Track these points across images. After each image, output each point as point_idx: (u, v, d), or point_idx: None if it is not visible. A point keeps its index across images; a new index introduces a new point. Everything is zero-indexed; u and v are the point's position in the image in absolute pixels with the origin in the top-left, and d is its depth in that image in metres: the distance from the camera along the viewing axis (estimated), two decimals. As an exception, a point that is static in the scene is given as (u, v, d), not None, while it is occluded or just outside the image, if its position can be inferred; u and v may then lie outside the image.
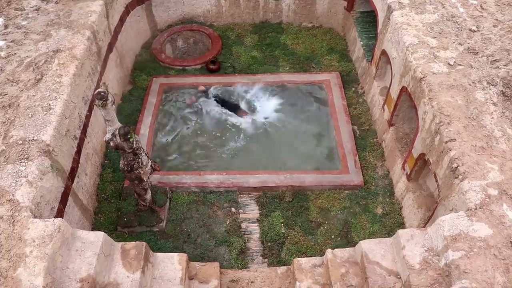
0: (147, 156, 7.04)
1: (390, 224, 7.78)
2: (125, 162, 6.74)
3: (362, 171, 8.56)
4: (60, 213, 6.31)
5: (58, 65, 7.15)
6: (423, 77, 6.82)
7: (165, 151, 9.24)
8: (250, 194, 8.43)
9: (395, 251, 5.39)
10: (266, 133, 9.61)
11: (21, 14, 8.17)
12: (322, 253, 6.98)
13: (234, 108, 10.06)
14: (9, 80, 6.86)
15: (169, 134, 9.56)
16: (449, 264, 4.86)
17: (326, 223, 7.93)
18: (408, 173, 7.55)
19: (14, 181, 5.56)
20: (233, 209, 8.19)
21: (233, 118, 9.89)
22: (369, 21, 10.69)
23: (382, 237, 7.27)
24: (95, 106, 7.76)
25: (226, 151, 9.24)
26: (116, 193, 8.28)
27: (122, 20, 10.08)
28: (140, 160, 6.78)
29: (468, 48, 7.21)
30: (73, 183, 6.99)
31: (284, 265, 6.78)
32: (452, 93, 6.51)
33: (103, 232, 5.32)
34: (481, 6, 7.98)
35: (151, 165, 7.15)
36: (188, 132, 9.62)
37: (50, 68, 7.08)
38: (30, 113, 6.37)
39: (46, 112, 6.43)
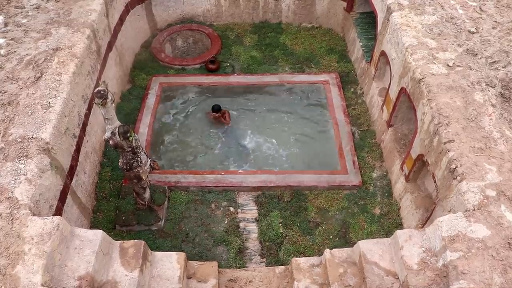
0: (146, 155, 7.04)
1: (388, 224, 7.80)
2: (124, 161, 6.75)
3: (360, 172, 8.57)
4: (58, 211, 6.30)
5: (57, 63, 7.14)
6: (422, 78, 6.83)
7: (164, 150, 9.23)
8: (248, 193, 8.43)
9: (393, 251, 5.40)
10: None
11: (21, 12, 8.16)
12: (320, 253, 7.00)
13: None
14: (8, 78, 6.85)
15: (168, 133, 9.55)
16: (447, 265, 4.87)
17: (325, 223, 7.94)
18: (407, 173, 7.56)
19: (13, 179, 5.56)
20: (231, 208, 8.20)
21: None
22: (369, 22, 10.71)
23: (380, 237, 7.30)
24: (94, 104, 7.78)
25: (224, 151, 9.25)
26: (115, 192, 8.28)
27: (122, 19, 10.08)
28: (139, 159, 6.78)
29: (467, 49, 7.22)
30: (72, 181, 6.98)
31: (282, 265, 6.77)
32: (451, 95, 6.53)
33: (101, 231, 5.31)
34: (480, 8, 8.00)
35: (150, 164, 7.14)
36: (187, 131, 9.62)
37: (49, 66, 7.07)
38: (30, 111, 6.37)
39: (45, 110, 6.42)
